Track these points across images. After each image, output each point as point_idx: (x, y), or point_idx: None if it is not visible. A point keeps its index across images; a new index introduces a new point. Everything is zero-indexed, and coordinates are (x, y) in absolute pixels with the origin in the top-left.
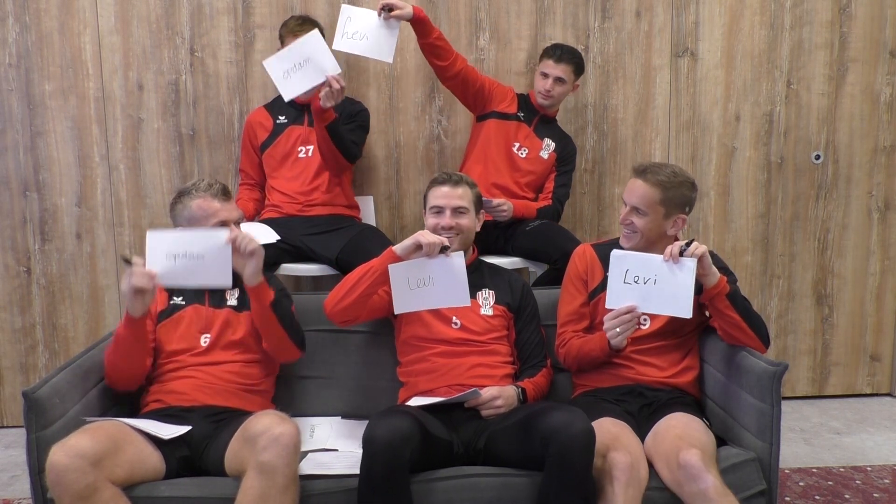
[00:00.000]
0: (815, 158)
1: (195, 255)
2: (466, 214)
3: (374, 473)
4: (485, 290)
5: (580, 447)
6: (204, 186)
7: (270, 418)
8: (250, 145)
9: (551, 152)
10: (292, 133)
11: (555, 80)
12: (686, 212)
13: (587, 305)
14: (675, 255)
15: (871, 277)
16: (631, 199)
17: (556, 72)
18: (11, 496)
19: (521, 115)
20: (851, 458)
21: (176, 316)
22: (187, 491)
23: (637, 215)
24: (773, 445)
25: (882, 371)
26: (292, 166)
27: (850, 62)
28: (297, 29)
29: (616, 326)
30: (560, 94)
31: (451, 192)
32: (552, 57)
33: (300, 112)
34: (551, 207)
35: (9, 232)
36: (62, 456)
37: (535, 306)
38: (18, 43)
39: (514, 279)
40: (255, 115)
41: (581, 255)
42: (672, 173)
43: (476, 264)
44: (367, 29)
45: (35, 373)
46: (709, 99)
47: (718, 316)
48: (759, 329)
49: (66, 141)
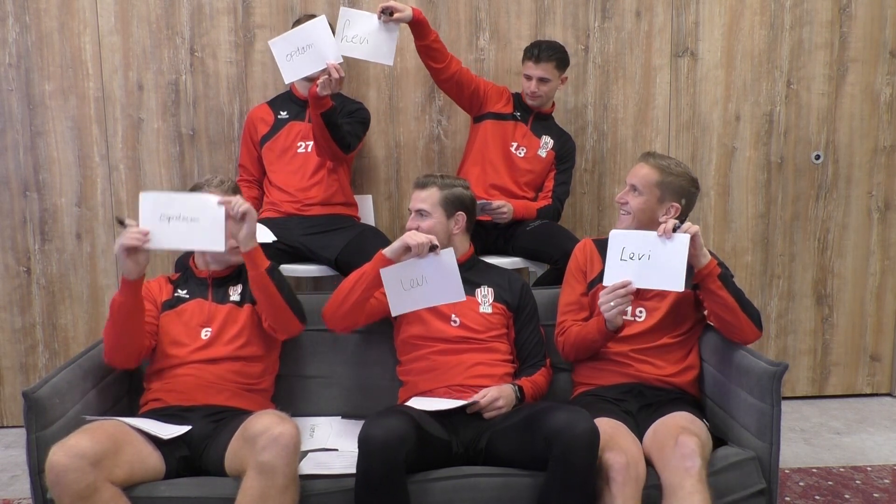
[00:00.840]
0: (815, 158)
1: (188, 218)
2: (428, 217)
3: (370, 473)
4: (483, 288)
5: (584, 447)
6: (216, 182)
7: (270, 418)
8: (250, 140)
9: (549, 150)
10: (293, 128)
11: (538, 81)
12: (682, 203)
13: (586, 296)
14: (668, 231)
15: (871, 277)
16: (632, 178)
17: (537, 72)
18: (11, 496)
19: (517, 114)
20: (851, 458)
21: (179, 308)
22: (187, 491)
23: (633, 194)
24: (773, 445)
25: (882, 371)
26: (291, 161)
27: (850, 62)
28: None
29: (611, 300)
30: (547, 93)
31: (417, 194)
32: (531, 58)
33: (302, 108)
34: (551, 207)
35: (9, 232)
36: (62, 456)
37: (534, 306)
38: (18, 43)
39: (513, 278)
40: (257, 111)
41: (582, 248)
42: (675, 163)
43: (472, 262)
44: (366, 32)
45: (35, 373)
46: (709, 99)
47: (710, 299)
48: (751, 313)
49: (66, 141)
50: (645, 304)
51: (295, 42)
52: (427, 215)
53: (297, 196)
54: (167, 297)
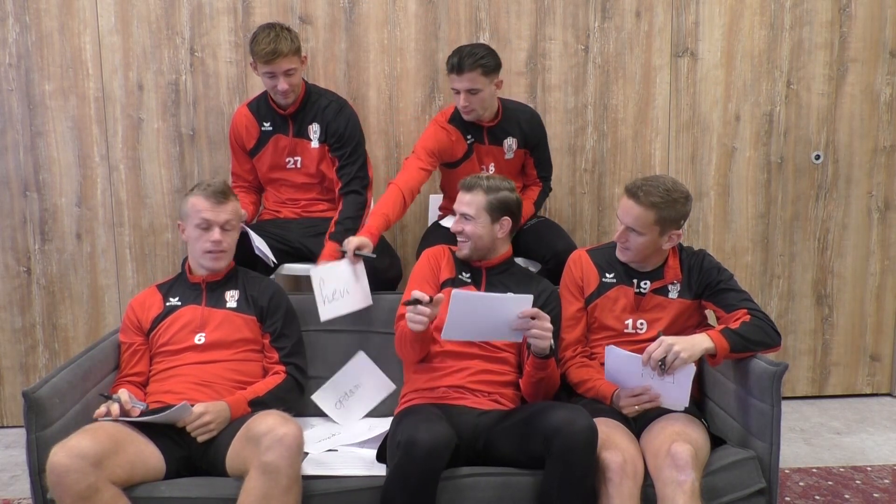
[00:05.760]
0: (815, 158)
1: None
2: (472, 221)
3: (409, 475)
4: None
5: (582, 445)
6: (203, 186)
7: (274, 419)
8: (240, 149)
9: (516, 149)
10: (279, 142)
11: (467, 93)
12: (681, 226)
13: (583, 311)
14: (655, 367)
15: (871, 277)
16: (626, 219)
17: (462, 84)
18: (11, 496)
19: (470, 140)
20: (851, 458)
21: (172, 316)
22: (187, 491)
23: (633, 234)
24: (773, 445)
25: (882, 371)
26: (283, 175)
27: (850, 62)
28: (270, 58)
29: (634, 405)
30: (482, 102)
31: (461, 197)
32: (452, 70)
33: (284, 121)
34: (542, 190)
35: (9, 232)
36: (63, 457)
37: (557, 314)
38: (18, 43)
39: (543, 286)
40: (240, 117)
41: (576, 261)
42: (665, 191)
43: (507, 264)
44: (342, 283)
45: (35, 373)
46: (709, 99)
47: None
48: (768, 343)
49: (66, 141)
50: (646, 317)
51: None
52: (471, 219)
53: (299, 202)
54: (157, 312)
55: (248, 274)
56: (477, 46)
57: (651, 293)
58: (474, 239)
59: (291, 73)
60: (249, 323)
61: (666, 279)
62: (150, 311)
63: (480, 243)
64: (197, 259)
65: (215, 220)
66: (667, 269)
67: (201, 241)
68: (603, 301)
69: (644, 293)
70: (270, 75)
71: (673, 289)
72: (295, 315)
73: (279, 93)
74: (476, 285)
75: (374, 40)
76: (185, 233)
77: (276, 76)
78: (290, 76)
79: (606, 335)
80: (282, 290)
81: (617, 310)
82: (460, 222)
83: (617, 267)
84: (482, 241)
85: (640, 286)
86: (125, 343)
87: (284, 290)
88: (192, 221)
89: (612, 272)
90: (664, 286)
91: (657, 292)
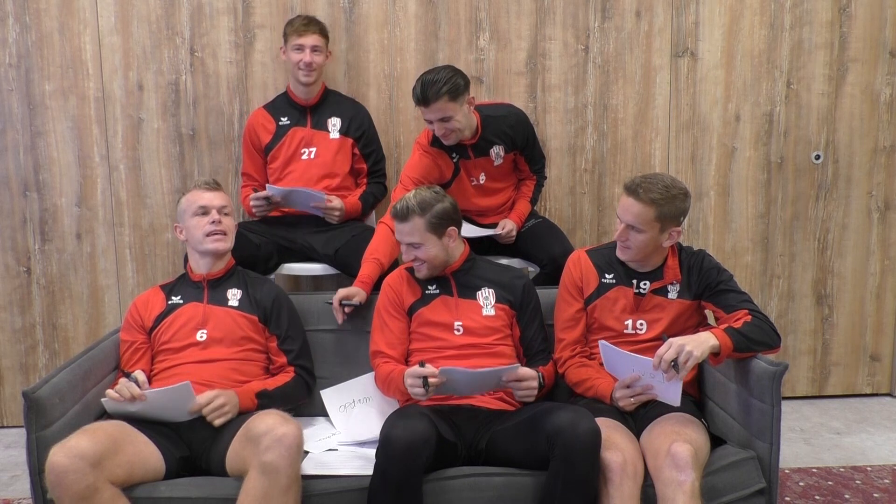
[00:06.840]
0: (815, 158)
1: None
2: (420, 247)
3: (389, 474)
4: (485, 290)
5: (586, 446)
6: (195, 182)
7: (273, 418)
8: (253, 147)
9: (504, 154)
10: (296, 134)
11: (440, 122)
12: (680, 222)
13: (583, 311)
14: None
15: (871, 277)
16: (626, 217)
17: (433, 115)
18: (11, 496)
19: (455, 158)
20: (851, 458)
21: (174, 314)
22: (187, 491)
23: (633, 232)
24: (773, 445)
25: (882, 371)
26: (296, 167)
27: (849, 62)
28: (303, 29)
29: (629, 396)
30: (458, 127)
31: (399, 227)
32: (419, 104)
33: (302, 113)
34: (537, 183)
35: (9, 232)
36: (62, 457)
37: (537, 302)
38: (18, 43)
39: (516, 275)
40: (257, 117)
41: (576, 261)
42: (664, 187)
43: (469, 261)
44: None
45: (35, 373)
46: (709, 99)
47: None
48: (769, 344)
49: (66, 141)
50: (645, 317)
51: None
52: (419, 245)
53: None
54: (160, 310)
55: (249, 274)
56: (439, 71)
57: (651, 293)
58: (429, 260)
59: (318, 50)
60: (251, 322)
61: (665, 279)
62: (152, 310)
63: (437, 261)
64: (199, 248)
65: (211, 204)
66: (666, 270)
67: (201, 226)
68: (602, 302)
69: (643, 293)
70: (299, 48)
71: (672, 289)
72: (298, 317)
73: (303, 67)
74: (446, 292)
75: (374, 40)
76: (183, 231)
77: (303, 49)
78: (317, 53)
79: (606, 336)
80: (283, 291)
81: (616, 310)
82: (410, 251)
83: (616, 267)
84: (438, 258)
85: (640, 286)
86: (126, 341)
87: (285, 292)
88: (190, 212)
89: (611, 273)
90: (664, 286)
91: (657, 293)
